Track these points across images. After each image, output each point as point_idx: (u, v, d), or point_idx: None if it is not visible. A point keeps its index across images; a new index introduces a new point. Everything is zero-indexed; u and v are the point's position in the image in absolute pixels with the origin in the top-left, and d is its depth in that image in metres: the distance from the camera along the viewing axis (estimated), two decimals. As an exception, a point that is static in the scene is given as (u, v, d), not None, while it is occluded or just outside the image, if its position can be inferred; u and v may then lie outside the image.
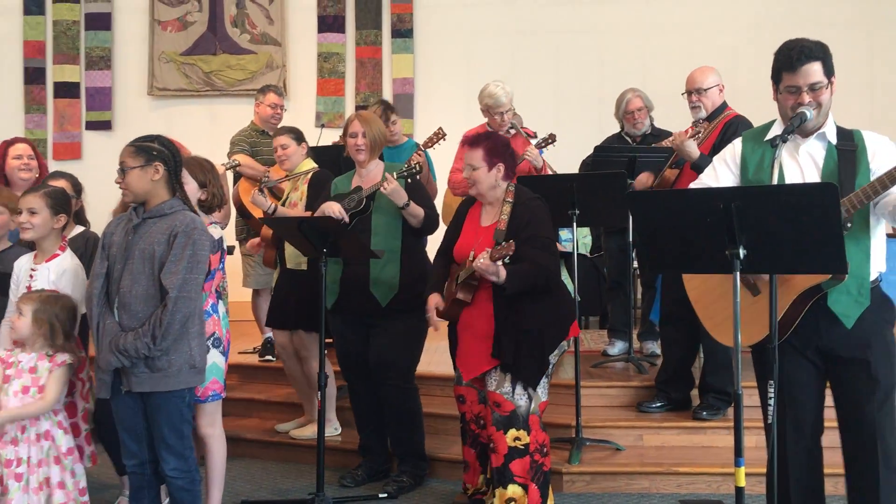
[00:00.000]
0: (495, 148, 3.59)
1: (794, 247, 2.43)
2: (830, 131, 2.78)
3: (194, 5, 8.10)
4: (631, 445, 4.34)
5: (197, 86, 8.09)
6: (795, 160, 2.80)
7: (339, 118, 8.02)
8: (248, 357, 5.78)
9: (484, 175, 3.56)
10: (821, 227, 2.37)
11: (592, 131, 6.02)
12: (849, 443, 2.82)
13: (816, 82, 2.70)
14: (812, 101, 2.70)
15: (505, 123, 4.89)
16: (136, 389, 3.05)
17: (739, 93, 7.30)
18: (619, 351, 5.35)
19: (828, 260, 2.44)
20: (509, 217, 3.51)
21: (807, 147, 2.79)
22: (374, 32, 8.09)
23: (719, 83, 4.43)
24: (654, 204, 2.71)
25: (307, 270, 4.41)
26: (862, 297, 2.72)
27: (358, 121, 4.11)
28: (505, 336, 3.44)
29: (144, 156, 3.11)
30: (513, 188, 3.62)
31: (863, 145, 2.74)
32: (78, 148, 8.11)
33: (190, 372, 3.10)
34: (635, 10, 7.90)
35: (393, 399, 4.09)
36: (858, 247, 2.69)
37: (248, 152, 5.51)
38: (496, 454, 3.47)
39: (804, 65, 2.69)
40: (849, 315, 2.72)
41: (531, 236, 3.44)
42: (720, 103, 4.42)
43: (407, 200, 3.91)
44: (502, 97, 4.80)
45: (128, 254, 3.07)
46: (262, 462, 4.73)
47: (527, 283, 3.40)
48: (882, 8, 7.72)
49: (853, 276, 2.67)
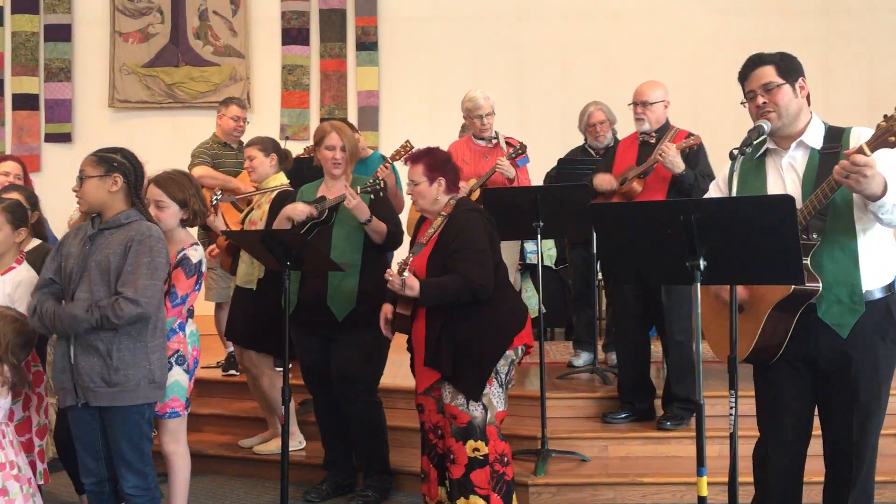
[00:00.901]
0: (435, 162, 3.61)
1: (753, 258, 2.46)
2: (814, 136, 2.76)
3: (156, 17, 8.03)
4: (596, 456, 4.35)
5: (159, 98, 8.02)
6: (779, 174, 2.80)
7: (303, 130, 8.00)
8: (212, 371, 5.71)
9: (425, 190, 3.59)
10: (778, 239, 2.39)
11: (556, 145, 6.07)
12: (828, 456, 2.83)
13: (768, 82, 2.72)
14: (767, 101, 2.72)
15: (486, 128, 4.95)
16: (93, 403, 2.99)
17: (700, 107, 7.49)
18: (584, 362, 5.38)
19: (785, 271, 2.46)
20: (440, 230, 3.55)
21: (789, 158, 2.78)
22: (339, 45, 8.09)
23: (665, 99, 4.47)
24: (616, 216, 2.73)
25: (255, 290, 4.39)
26: (855, 304, 2.66)
27: (335, 133, 4.00)
28: (443, 348, 3.45)
29: (105, 166, 3.08)
30: (454, 201, 3.63)
31: (846, 144, 2.70)
32: (37, 160, 7.98)
33: (149, 387, 3.05)
34: (598, 25, 8.00)
35: (356, 413, 4.06)
36: (843, 252, 2.65)
37: (209, 164, 5.46)
38: (456, 465, 3.46)
39: (754, 70, 2.76)
40: (842, 324, 2.67)
41: (457, 249, 3.45)
42: (665, 119, 4.48)
43: (369, 216, 3.88)
44: (480, 100, 4.91)
45: (84, 265, 3.02)
46: (226, 478, 4.67)
47: (445, 295, 3.42)
48: (837, 24, 7.92)
49: (842, 284, 2.65)
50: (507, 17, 8.03)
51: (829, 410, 2.79)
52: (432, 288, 3.42)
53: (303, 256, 3.74)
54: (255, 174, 4.64)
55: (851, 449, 2.73)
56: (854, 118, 8.11)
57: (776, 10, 7.86)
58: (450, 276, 3.43)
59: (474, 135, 5.08)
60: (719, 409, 3.90)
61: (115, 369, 2.97)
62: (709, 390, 2.89)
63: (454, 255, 3.45)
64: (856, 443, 2.72)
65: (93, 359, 2.97)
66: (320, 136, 4.06)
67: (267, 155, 4.61)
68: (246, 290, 4.49)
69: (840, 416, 2.74)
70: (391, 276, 3.45)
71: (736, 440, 2.61)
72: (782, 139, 2.78)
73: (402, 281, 3.41)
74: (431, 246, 3.57)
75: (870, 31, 7.95)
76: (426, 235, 3.63)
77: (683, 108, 6.77)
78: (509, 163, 4.83)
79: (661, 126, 4.46)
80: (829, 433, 2.80)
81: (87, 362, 2.98)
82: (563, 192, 4.53)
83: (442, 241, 3.52)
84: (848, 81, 7.80)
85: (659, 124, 4.46)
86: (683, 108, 6.77)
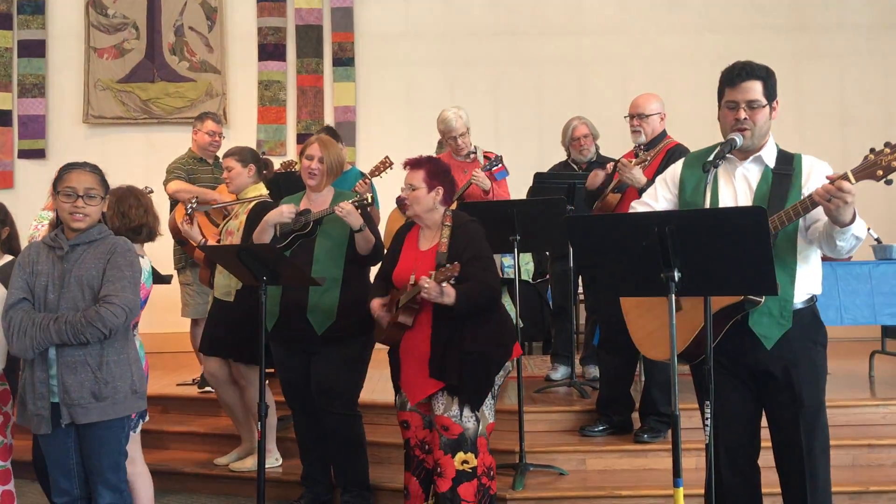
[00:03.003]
0: (436, 171, 3.63)
1: (726, 269, 2.49)
2: (769, 154, 2.83)
3: (131, 33, 8.00)
4: (574, 470, 4.36)
5: (134, 113, 7.97)
6: (731, 182, 2.85)
7: (280, 146, 7.99)
8: (187, 389, 5.66)
9: (423, 196, 3.60)
10: (751, 250, 2.42)
11: (532, 160, 6.13)
12: (780, 464, 2.87)
13: (754, 100, 2.76)
14: (748, 118, 2.76)
15: (462, 148, 4.99)
16: (81, 421, 2.96)
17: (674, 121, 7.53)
18: (562, 376, 5.39)
19: (758, 282, 2.50)
20: (449, 240, 3.55)
21: (743, 169, 2.84)
22: (316, 61, 8.10)
23: (661, 112, 4.52)
24: (591, 228, 2.75)
25: (233, 302, 4.37)
26: (784, 319, 2.75)
27: (318, 144, 4.02)
28: (448, 358, 3.45)
29: (105, 186, 3.13)
30: (450, 213, 3.65)
31: (799, 169, 2.79)
32: (10, 177, 7.91)
33: (133, 397, 3.08)
34: (572, 43, 8.07)
35: (336, 427, 4.03)
36: (783, 270, 2.72)
37: (184, 179, 5.43)
38: (443, 478, 3.46)
39: (744, 81, 2.77)
40: (768, 336, 2.76)
41: (474, 256, 3.48)
42: (660, 131, 4.51)
43: (362, 224, 3.87)
44: (452, 121, 4.96)
45: (63, 281, 2.99)
46: (201, 496, 4.62)
47: (474, 302, 3.43)
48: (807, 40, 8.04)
49: (776, 299, 2.72)
50: (483, 33, 8.09)
51: (775, 418, 2.85)
52: (464, 295, 3.40)
53: (279, 271, 3.72)
54: (233, 185, 4.60)
55: (801, 457, 2.77)
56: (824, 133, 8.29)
57: (747, 27, 7.98)
58: (472, 284, 3.43)
59: (453, 153, 5.11)
60: (696, 421, 3.91)
61: (105, 382, 2.97)
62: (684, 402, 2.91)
63: (471, 261, 3.45)
64: (805, 450, 2.77)
65: (81, 375, 2.95)
66: (305, 145, 4.11)
67: (245, 165, 4.57)
68: (224, 302, 4.46)
69: (785, 421, 2.80)
70: (428, 283, 3.34)
71: (711, 451, 2.63)
72: (740, 152, 2.83)
73: (441, 289, 3.35)
74: (435, 253, 3.55)
75: (839, 47, 8.09)
76: (426, 243, 3.62)
77: (658, 124, 6.85)
78: (485, 175, 4.85)
79: (654, 138, 4.48)
80: (776, 439, 2.86)
81: (74, 379, 2.95)
82: (540, 206, 4.55)
83: (454, 249, 3.52)
84: (818, 97, 7.93)
85: (654, 136, 4.48)
86: (658, 124, 6.85)
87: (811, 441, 2.78)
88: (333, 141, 4.20)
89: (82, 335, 2.90)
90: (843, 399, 4.72)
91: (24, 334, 2.91)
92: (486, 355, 3.48)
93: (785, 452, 2.84)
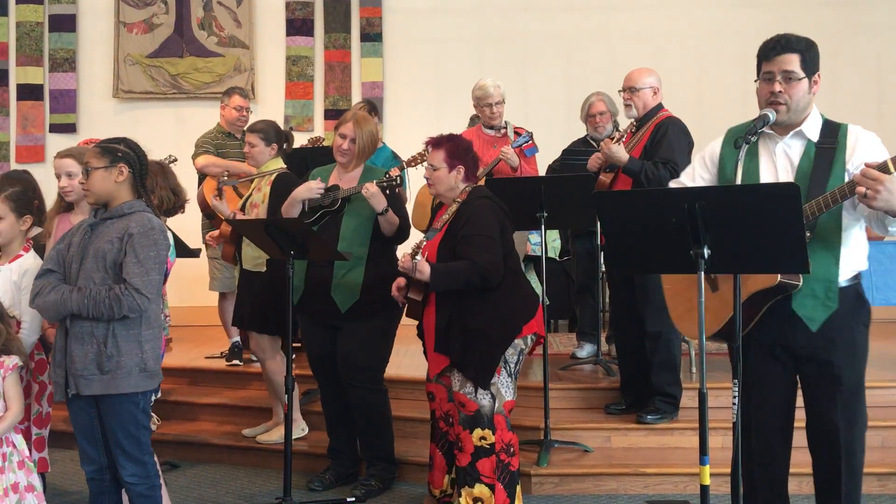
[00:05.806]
0: (457, 150, 3.62)
1: (757, 247, 2.45)
2: (812, 128, 2.74)
3: (160, 7, 8.02)
4: (599, 447, 4.36)
5: (163, 88, 8.01)
6: (771, 159, 2.78)
7: (307, 122, 7.99)
8: (215, 362, 5.72)
9: (444, 176, 3.60)
10: (783, 228, 2.38)
11: (560, 137, 6.05)
12: (813, 443, 2.82)
13: (791, 71, 2.67)
14: (783, 91, 2.68)
15: (495, 117, 4.97)
16: (84, 392, 2.97)
17: (704, 100, 7.46)
18: (588, 353, 5.38)
19: (789, 260, 2.45)
20: (453, 217, 3.56)
21: (784, 146, 2.76)
22: (343, 36, 8.07)
23: (654, 86, 4.42)
24: (620, 204, 2.72)
25: (266, 272, 4.38)
26: (829, 300, 2.68)
27: (352, 123, 4.01)
28: (451, 334, 3.46)
29: (109, 156, 3.07)
30: (469, 189, 3.64)
31: (843, 142, 2.69)
32: (42, 150, 7.99)
33: (140, 375, 3.01)
34: (602, 18, 7.96)
35: (362, 402, 4.06)
36: (827, 249, 2.66)
37: (212, 154, 5.48)
38: (463, 453, 3.47)
39: (780, 54, 2.69)
40: (814, 319, 2.69)
41: (466, 235, 3.46)
42: (653, 105, 4.41)
43: (386, 206, 3.88)
44: (490, 88, 4.95)
45: (83, 254, 3.02)
46: (229, 466, 4.68)
47: (456, 280, 3.43)
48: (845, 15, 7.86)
49: (820, 280, 2.65)
50: (512, 8, 7.99)
51: (812, 397, 2.79)
52: (443, 272, 3.43)
53: (307, 246, 3.74)
54: (254, 161, 4.63)
55: (838, 437, 2.72)
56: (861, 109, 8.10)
57: (783, 2, 7.80)
58: (460, 262, 3.44)
59: (484, 124, 5.08)
60: (722, 401, 3.89)
61: (109, 356, 2.96)
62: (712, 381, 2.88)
63: (463, 240, 3.46)
64: (842, 430, 2.71)
65: (87, 346, 2.96)
66: (341, 120, 4.09)
67: (268, 144, 4.58)
68: (254, 273, 4.47)
69: (821, 400, 2.75)
70: (404, 258, 3.47)
71: (739, 430, 2.60)
72: (780, 127, 2.75)
73: (414, 264, 3.41)
74: (443, 232, 3.58)
75: (878, 22, 7.90)
76: (441, 221, 3.64)
77: (688, 100, 6.76)
78: (514, 151, 4.82)
79: (647, 113, 4.41)
80: (811, 418, 2.81)
81: (80, 350, 2.97)
82: (568, 182, 4.51)
83: (453, 227, 3.54)
84: (855, 72, 7.74)
85: (647, 110, 4.41)
86: (688, 100, 6.76)
87: (850, 422, 2.72)
88: (369, 119, 4.18)
89: (101, 312, 2.92)
90: (873, 380, 4.62)
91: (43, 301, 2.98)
92: (488, 332, 3.44)
93: (820, 432, 2.78)
